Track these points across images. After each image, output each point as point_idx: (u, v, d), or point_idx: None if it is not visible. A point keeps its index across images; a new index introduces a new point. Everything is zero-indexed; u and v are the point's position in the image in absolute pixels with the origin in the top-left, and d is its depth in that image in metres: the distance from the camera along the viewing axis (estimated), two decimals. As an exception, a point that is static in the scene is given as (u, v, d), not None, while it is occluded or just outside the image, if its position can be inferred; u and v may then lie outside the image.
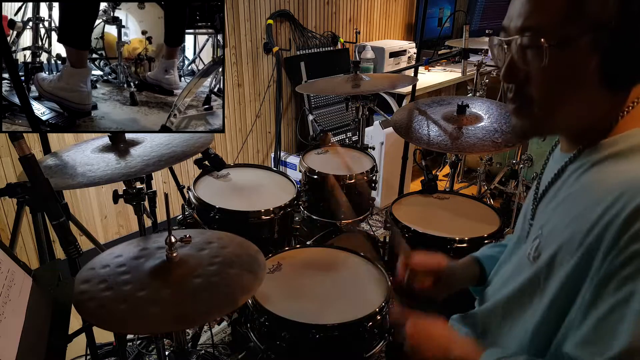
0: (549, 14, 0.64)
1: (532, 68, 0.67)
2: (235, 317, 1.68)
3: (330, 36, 3.61)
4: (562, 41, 0.63)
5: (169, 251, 1.01)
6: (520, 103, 0.72)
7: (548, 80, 0.67)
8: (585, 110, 0.68)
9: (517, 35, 0.67)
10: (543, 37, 0.64)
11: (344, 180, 1.87)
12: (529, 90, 0.69)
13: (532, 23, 0.66)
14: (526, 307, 0.75)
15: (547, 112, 0.69)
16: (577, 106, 0.68)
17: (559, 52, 0.64)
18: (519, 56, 0.68)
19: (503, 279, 0.87)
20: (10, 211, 2.22)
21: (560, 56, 0.64)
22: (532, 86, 0.69)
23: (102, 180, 1.20)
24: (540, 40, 0.64)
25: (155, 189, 1.58)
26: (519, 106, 0.72)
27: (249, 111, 3.22)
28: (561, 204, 0.71)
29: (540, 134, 0.77)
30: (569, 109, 0.68)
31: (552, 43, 0.63)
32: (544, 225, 0.73)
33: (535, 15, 0.65)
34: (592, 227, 0.61)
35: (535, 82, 0.68)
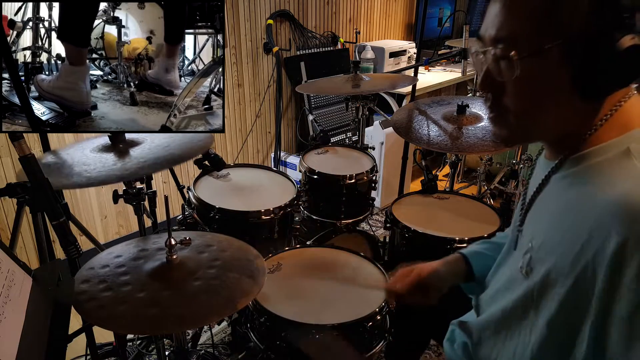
0: (521, 25, 0.64)
1: (506, 79, 0.67)
2: (235, 317, 1.68)
3: (330, 36, 3.61)
4: (534, 52, 0.63)
5: (168, 253, 1.01)
6: (498, 112, 0.72)
7: (521, 91, 0.67)
8: (561, 120, 0.68)
9: (491, 46, 0.68)
10: (514, 48, 0.64)
11: (343, 180, 1.87)
12: (505, 100, 0.69)
13: (504, 34, 0.66)
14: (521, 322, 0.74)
15: (522, 122, 0.70)
16: (552, 116, 0.68)
17: (531, 63, 0.64)
18: (494, 66, 0.68)
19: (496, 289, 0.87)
20: (10, 211, 2.22)
21: (533, 67, 0.64)
22: (507, 96, 0.69)
23: (97, 182, 1.20)
24: (511, 51, 0.64)
25: (155, 189, 1.58)
26: (497, 115, 0.73)
27: (249, 111, 3.22)
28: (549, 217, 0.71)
29: (519, 142, 0.78)
30: (544, 119, 0.69)
31: (524, 54, 0.63)
32: (534, 238, 0.73)
33: (507, 27, 0.66)
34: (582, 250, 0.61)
35: (509, 92, 0.68)
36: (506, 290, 0.80)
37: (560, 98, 0.65)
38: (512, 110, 0.69)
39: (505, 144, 0.76)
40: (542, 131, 0.71)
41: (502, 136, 0.74)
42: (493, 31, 0.67)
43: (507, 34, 0.65)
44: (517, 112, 0.69)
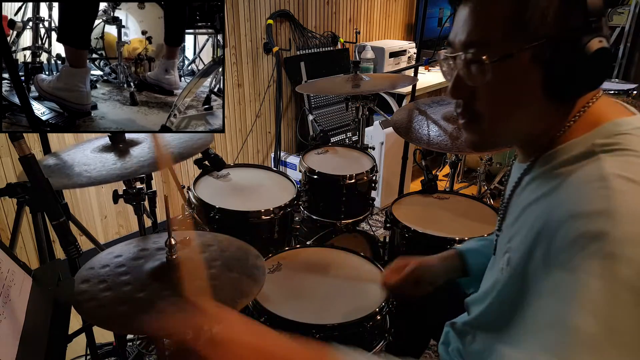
0: (490, 30, 0.65)
1: (477, 83, 0.67)
2: (235, 317, 1.68)
3: (330, 36, 3.61)
4: (504, 56, 0.63)
5: (168, 253, 1.01)
6: (469, 118, 0.72)
7: (493, 95, 0.67)
8: (533, 123, 0.69)
9: (461, 51, 0.68)
10: (485, 53, 0.64)
11: (343, 180, 1.87)
12: (476, 105, 0.70)
13: (474, 39, 0.66)
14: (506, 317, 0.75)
15: (494, 126, 0.70)
16: (524, 119, 0.68)
17: (502, 67, 0.64)
18: (464, 72, 0.68)
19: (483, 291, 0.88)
20: (10, 211, 2.22)
21: (504, 71, 0.64)
22: (478, 101, 0.69)
23: (97, 181, 1.20)
24: (482, 56, 0.64)
25: (155, 189, 1.58)
26: (468, 121, 0.73)
27: (249, 111, 3.22)
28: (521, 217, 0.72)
29: (491, 148, 0.78)
30: (516, 123, 0.69)
31: (494, 59, 0.64)
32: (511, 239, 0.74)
33: (476, 31, 0.66)
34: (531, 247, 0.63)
35: (481, 97, 0.68)
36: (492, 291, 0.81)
37: (531, 101, 0.66)
38: (484, 115, 0.70)
39: (478, 149, 0.76)
40: (514, 134, 0.72)
41: (474, 142, 0.75)
42: (463, 36, 0.67)
43: (478, 39, 0.66)
44: (489, 116, 0.69)
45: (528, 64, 0.63)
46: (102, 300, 0.92)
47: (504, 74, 0.64)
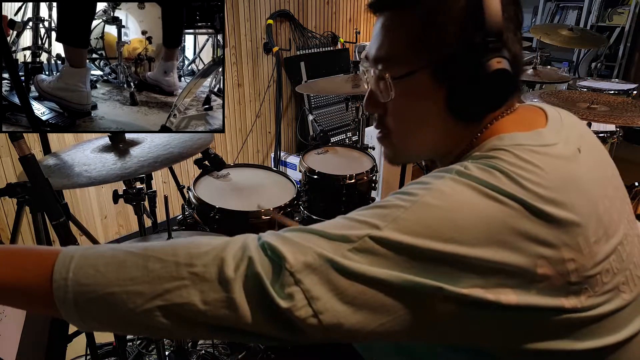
0: (393, 47, 0.65)
1: (385, 99, 0.68)
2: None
3: (330, 36, 3.61)
4: (406, 74, 0.64)
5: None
6: (383, 132, 0.73)
7: (399, 111, 0.68)
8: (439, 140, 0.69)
9: (372, 66, 0.68)
10: (389, 70, 0.65)
11: (343, 180, 1.87)
12: (387, 120, 0.70)
13: (381, 54, 0.67)
14: None
15: (402, 142, 0.71)
16: (429, 136, 0.68)
17: (405, 85, 0.65)
18: (375, 87, 0.69)
19: None
20: (10, 211, 2.22)
21: (407, 89, 0.65)
22: (389, 116, 0.70)
23: (97, 181, 1.20)
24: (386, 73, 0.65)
25: (155, 189, 1.58)
26: (382, 135, 0.73)
27: (249, 111, 3.22)
28: None
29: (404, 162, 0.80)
30: (421, 139, 0.69)
31: (396, 76, 0.64)
32: None
33: (383, 48, 0.66)
34: None
35: (390, 113, 0.69)
36: None
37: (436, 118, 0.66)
38: (392, 131, 0.70)
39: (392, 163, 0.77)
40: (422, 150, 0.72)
41: (388, 156, 0.76)
42: (373, 51, 0.68)
43: (384, 55, 0.66)
44: (397, 131, 0.70)
45: (430, 83, 0.63)
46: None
47: (407, 92, 0.65)
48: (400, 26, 0.64)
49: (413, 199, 0.55)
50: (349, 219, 0.56)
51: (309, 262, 0.51)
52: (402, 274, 0.51)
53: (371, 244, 0.52)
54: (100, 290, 0.52)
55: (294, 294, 0.50)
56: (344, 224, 0.55)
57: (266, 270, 0.52)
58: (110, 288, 0.52)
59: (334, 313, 0.51)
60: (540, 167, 0.56)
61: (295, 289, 0.50)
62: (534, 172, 0.55)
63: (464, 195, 0.54)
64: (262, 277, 0.51)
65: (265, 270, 0.52)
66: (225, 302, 0.51)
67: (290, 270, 0.51)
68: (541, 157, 0.57)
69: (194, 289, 0.51)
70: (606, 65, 4.54)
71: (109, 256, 0.54)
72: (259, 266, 0.52)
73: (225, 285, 0.51)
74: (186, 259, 0.53)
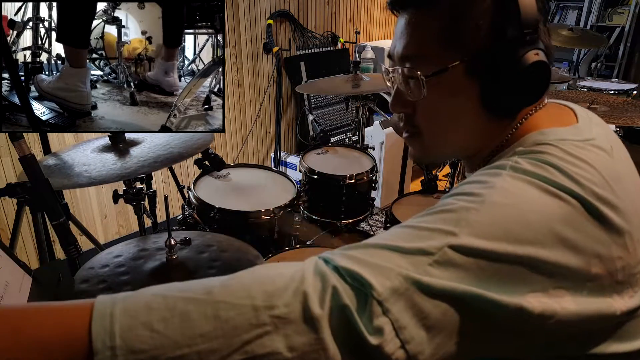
0: (424, 44, 0.63)
1: (415, 98, 0.66)
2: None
3: (330, 36, 3.61)
4: (439, 71, 0.62)
5: (168, 253, 1.01)
6: (411, 132, 0.70)
7: (431, 110, 0.66)
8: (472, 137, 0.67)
9: (399, 65, 0.66)
10: (419, 67, 0.63)
11: (343, 180, 1.87)
12: (416, 119, 0.68)
13: (409, 52, 0.64)
14: None
15: (434, 141, 0.69)
16: (462, 133, 0.67)
17: (438, 82, 0.62)
18: (403, 86, 0.67)
19: None
20: (10, 211, 2.22)
21: (440, 86, 0.63)
22: (418, 115, 0.68)
23: (97, 181, 1.20)
24: (417, 71, 0.63)
25: (155, 189, 1.58)
26: (410, 135, 0.71)
27: (249, 111, 3.22)
28: None
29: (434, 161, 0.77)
30: (455, 137, 0.68)
31: (428, 73, 0.62)
32: None
33: (412, 45, 0.64)
34: None
35: (420, 112, 0.67)
36: None
37: (469, 115, 0.64)
38: (423, 130, 0.68)
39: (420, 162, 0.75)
40: (454, 148, 0.70)
41: (416, 156, 0.73)
42: (400, 49, 0.66)
43: (413, 53, 0.64)
44: (428, 131, 0.68)
45: (463, 79, 0.62)
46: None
47: (440, 89, 0.63)
48: (428, 22, 0.62)
49: (479, 199, 0.51)
50: (415, 228, 0.51)
51: (395, 286, 0.46)
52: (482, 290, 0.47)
53: (451, 254, 0.48)
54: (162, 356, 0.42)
55: (383, 326, 0.45)
56: (414, 235, 0.50)
57: (352, 301, 0.46)
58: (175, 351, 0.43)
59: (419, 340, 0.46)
60: (588, 162, 0.54)
61: (384, 321, 0.45)
62: (584, 168, 0.54)
63: (527, 192, 0.52)
64: (350, 310, 0.45)
65: (351, 301, 0.46)
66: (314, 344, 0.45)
67: (378, 299, 0.46)
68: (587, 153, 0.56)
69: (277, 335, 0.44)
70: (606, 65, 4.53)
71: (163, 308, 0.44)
72: (345, 297, 0.46)
73: (312, 324, 0.45)
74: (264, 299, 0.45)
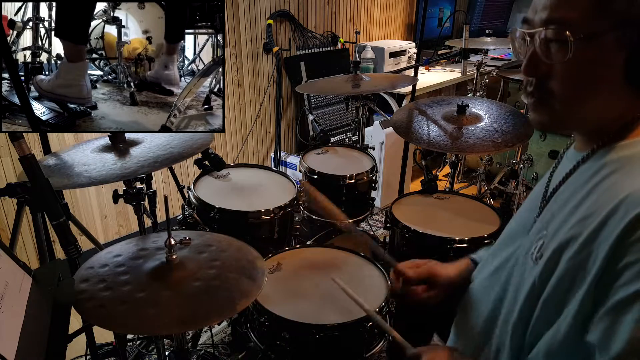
0: (577, 8, 0.63)
1: (555, 62, 0.66)
2: (235, 317, 1.68)
3: (330, 36, 3.61)
4: (588, 36, 0.62)
5: (168, 253, 1.01)
6: (540, 97, 0.70)
7: (571, 75, 0.66)
8: (606, 108, 0.67)
9: (542, 28, 0.66)
10: (569, 30, 0.63)
11: (343, 180, 1.87)
12: (551, 84, 0.68)
13: (558, 16, 0.65)
14: None
15: (568, 107, 0.68)
16: (598, 103, 0.67)
17: (584, 47, 0.62)
18: (542, 49, 0.67)
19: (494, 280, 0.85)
20: (10, 211, 2.22)
21: (585, 51, 0.63)
22: (553, 80, 0.67)
23: (97, 181, 1.20)
24: (565, 33, 0.63)
25: (155, 189, 1.58)
26: (539, 100, 0.71)
27: (249, 111, 3.22)
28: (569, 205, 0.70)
29: (559, 129, 0.76)
30: (590, 106, 0.67)
31: (578, 37, 0.62)
32: (549, 225, 0.72)
33: (562, 9, 0.64)
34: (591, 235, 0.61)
35: (557, 76, 0.67)
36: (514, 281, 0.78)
37: (609, 84, 0.64)
38: (557, 95, 0.68)
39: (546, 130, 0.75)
40: (585, 118, 0.70)
41: (542, 122, 0.73)
42: (545, 13, 0.66)
43: (562, 16, 0.64)
44: (563, 96, 0.68)
45: (611, 46, 0.62)
46: (102, 300, 0.92)
47: (585, 54, 0.63)
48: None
49: None
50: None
51: None
52: None
53: None
54: None
55: None
56: None
57: None
58: None
59: None
60: None
61: None
62: None
63: None
64: None
65: None
66: None
67: None
68: None
69: None
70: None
71: None
72: None
73: None
74: None
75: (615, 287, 0.57)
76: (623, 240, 0.56)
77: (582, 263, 0.62)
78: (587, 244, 0.61)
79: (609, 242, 0.58)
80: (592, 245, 0.61)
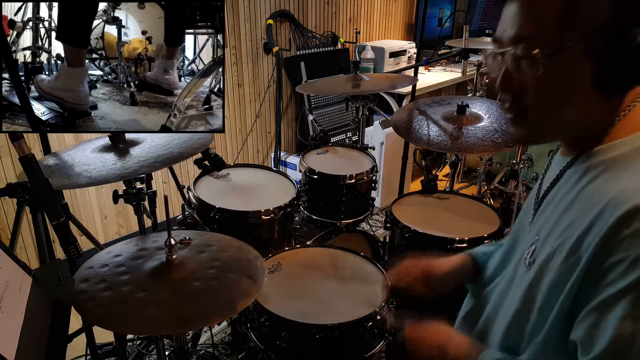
0: (541, 24, 0.65)
1: (526, 78, 0.68)
2: (235, 317, 1.68)
3: (330, 36, 3.61)
4: (556, 50, 0.64)
5: (168, 253, 1.01)
6: (517, 112, 0.72)
7: (542, 89, 0.68)
8: (581, 117, 0.69)
9: (511, 47, 0.68)
10: (536, 47, 0.64)
11: (343, 180, 1.87)
12: (524, 99, 0.70)
13: (524, 33, 0.67)
14: None
15: (543, 119, 0.70)
16: (572, 113, 0.68)
17: (553, 61, 0.64)
18: (514, 66, 0.69)
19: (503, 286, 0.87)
20: (10, 211, 2.22)
21: (554, 65, 0.65)
22: (528, 95, 0.69)
23: (97, 181, 1.20)
24: (533, 51, 0.65)
25: (155, 189, 1.58)
26: (517, 115, 0.73)
27: (249, 111, 3.22)
28: (557, 211, 0.72)
29: (537, 142, 0.78)
30: (564, 116, 0.69)
31: (546, 53, 0.64)
32: (541, 231, 0.74)
33: (527, 26, 0.66)
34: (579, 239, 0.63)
35: (530, 91, 0.69)
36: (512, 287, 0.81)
37: (581, 94, 0.66)
38: (533, 108, 0.70)
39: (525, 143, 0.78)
40: (562, 128, 0.72)
41: (521, 135, 0.75)
42: (512, 32, 0.68)
43: (528, 33, 0.66)
44: (536, 110, 0.70)
45: (578, 58, 0.63)
46: (102, 300, 0.92)
47: (555, 68, 0.65)
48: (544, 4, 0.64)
49: None
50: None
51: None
52: None
53: None
54: None
55: None
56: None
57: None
58: None
59: None
60: None
61: None
62: None
63: None
64: None
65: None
66: None
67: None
68: None
69: None
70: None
71: None
72: None
73: None
74: None
75: (601, 286, 0.58)
76: (608, 241, 0.58)
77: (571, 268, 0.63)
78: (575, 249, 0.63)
79: (594, 244, 0.60)
80: (580, 250, 0.63)
